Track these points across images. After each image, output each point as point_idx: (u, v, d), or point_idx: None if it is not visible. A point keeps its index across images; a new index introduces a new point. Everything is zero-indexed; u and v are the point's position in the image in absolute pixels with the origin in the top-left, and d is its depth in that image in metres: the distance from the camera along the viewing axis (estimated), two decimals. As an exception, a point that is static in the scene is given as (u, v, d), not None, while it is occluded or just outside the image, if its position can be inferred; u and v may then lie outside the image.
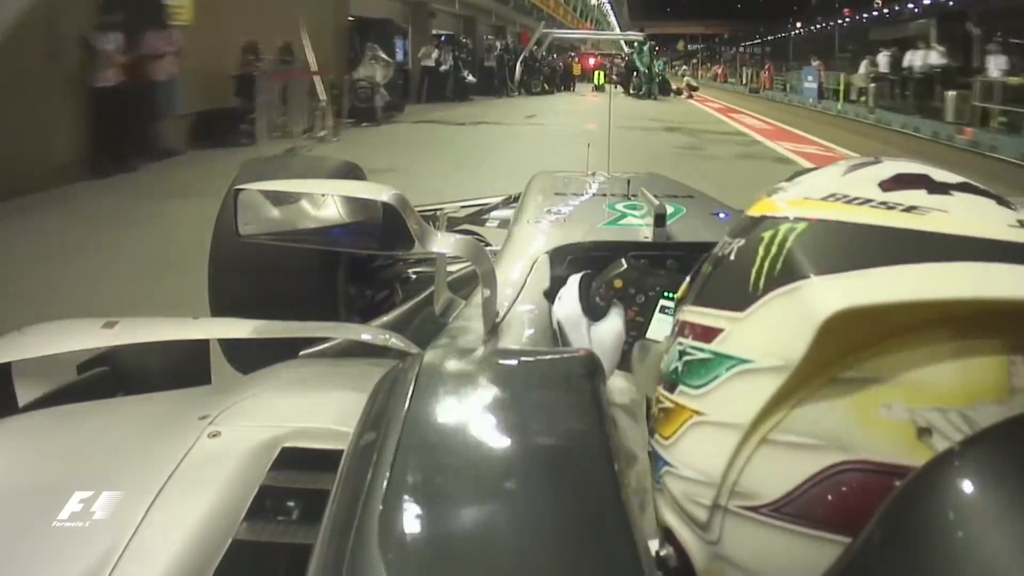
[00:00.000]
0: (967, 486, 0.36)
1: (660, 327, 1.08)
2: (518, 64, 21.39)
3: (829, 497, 0.43)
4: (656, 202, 1.24)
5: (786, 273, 0.46)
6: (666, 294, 1.07)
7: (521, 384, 0.60)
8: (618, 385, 0.86)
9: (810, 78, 20.78)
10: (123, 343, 0.96)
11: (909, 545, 0.35)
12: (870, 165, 0.52)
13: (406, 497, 0.45)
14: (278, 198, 1.01)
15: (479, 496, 0.46)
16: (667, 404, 0.53)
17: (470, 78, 18.08)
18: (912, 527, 0.36)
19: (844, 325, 0.42)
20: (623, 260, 1.08)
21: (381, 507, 0.43)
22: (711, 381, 0.48)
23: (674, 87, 23.93)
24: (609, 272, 1.08)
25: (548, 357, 0.73)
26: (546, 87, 22.49)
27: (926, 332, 0.42)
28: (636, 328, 1.06)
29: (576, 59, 28.46)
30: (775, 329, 0.46)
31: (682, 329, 0.54)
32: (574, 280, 1.06)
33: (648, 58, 22.20)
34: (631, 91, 21.43)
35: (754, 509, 0.46)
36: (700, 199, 1.59)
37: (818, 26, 31.81)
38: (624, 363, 1.01)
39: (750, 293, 0.48)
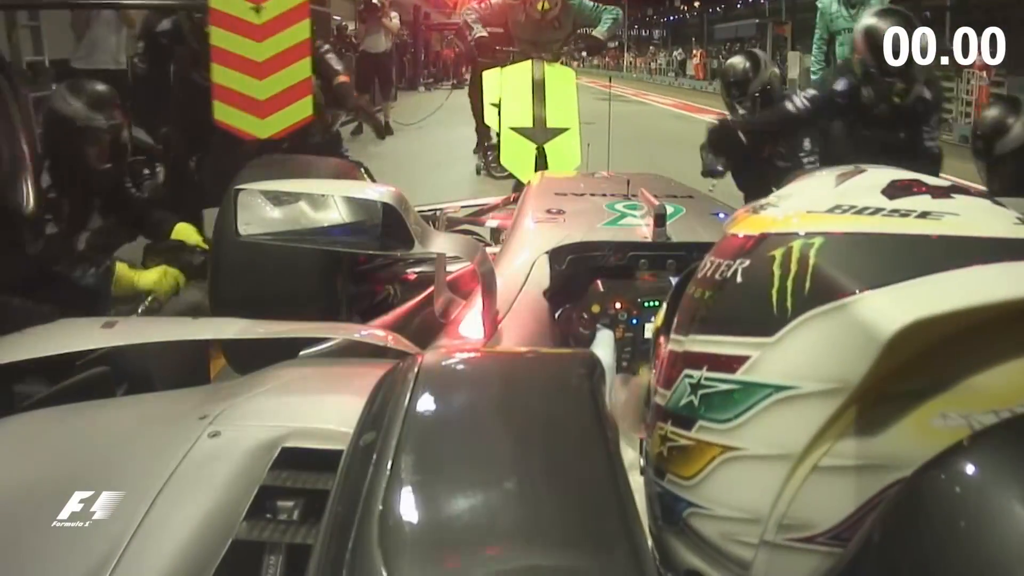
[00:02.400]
0: (966, 485, 0.36)
1: None
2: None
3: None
4: (656, 202, 1.24)
5: (822, 290, 0.44)
6: (647, 303, 1.07)
7: (521, 384, 0.60)
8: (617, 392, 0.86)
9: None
10: (123, 343, 0.96)
11: (909, 544, 0.35)
12: (857, 175, 0.51)
13: (406, 497, 0.45)
14: (278, 198, 1.01)
15: (479, 496, 0.46)
16: (683, 442, 0.50)
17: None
18: (911, 527, 0.36)
19: (907, 339, 0.40)
20: (597, 283, 1.09)
21: (381, 507, 0.43)
22: (743, 413, 0.46)
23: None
24: (584, 300, 1.08)
25: (548, 357, 0.73)
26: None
27: (973, 336, 0.41)
28: (629, 343, 1.06)
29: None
30: (821, 351, 0.43)
31: (686, 360, 0.51)
32: (602, 336, 1.05)
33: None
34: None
35: (809, 540, 0.44)
36: (700, 199, 1.59)
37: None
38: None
39: (777, 316, 0.45)
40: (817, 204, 0.48)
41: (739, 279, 0.48)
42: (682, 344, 0.51)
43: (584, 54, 4.02)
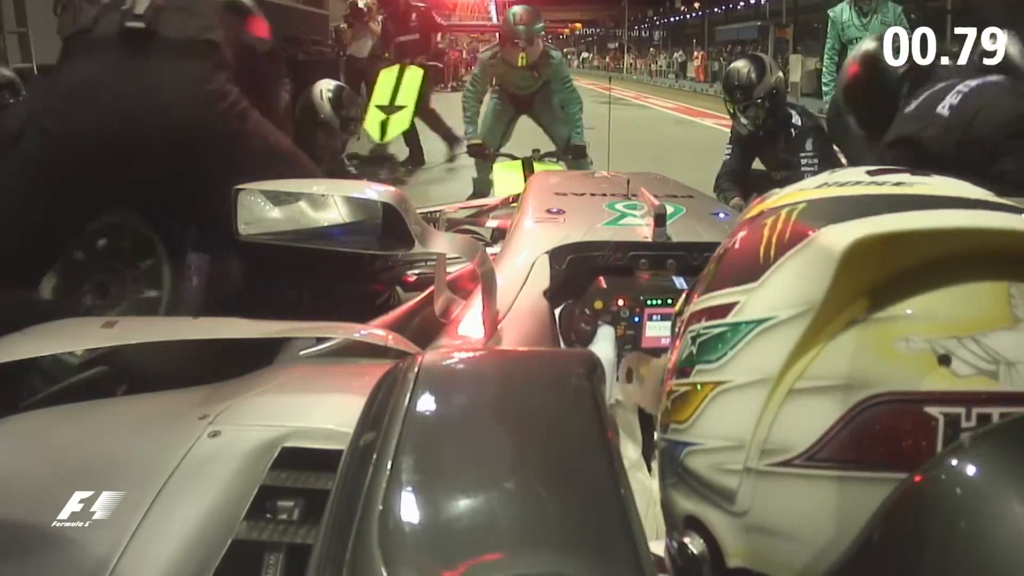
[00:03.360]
0: (966, 486, 0.36)
1: (655, 333, 1.08)
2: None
3: (860, 434, 0.44)
4: (656, 202, 1.24)
5: (797, 235, 0.49)
6: (649, 301, 1.07)
7: (521, 384, 0.60)
8: (617, 395, 0.86)
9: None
10: (123, 343, 0.96)
11: (909, 545, 0.35)
12: (852, 168, 0.57)
13: (406, 497, 0.45)
14: (278, 198, 1.01)
15: (479, 496, 0.46)
16: (682, 390, 0.53)
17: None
18: (911, 527, 0.36)
19: (860, 260, 0.44)
20: (600, 279, 1.09)
21: (381, 507, 0.43)
22: (730, 350, 0.50)
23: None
24: (586, 297, 1.08)
25: (548, 357, 0.73)
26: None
27: (932, 269, 0.45)
28: (630, 341, 1.06)
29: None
30: (793, 282, 0.47)
31: (690, 321, 0.55)
32: (603, 333, 1.06)
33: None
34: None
35: (787, 463, 0.46)
36: (700, 199, 1.59)
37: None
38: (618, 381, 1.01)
39: (761, 264, 0.50)
40: (809, 185, 0.55)
41: (736, 245, 0.55)
42: (688, 311, 0.56)
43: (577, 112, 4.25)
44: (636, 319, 1.07)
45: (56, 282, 2.00)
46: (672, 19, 40.33)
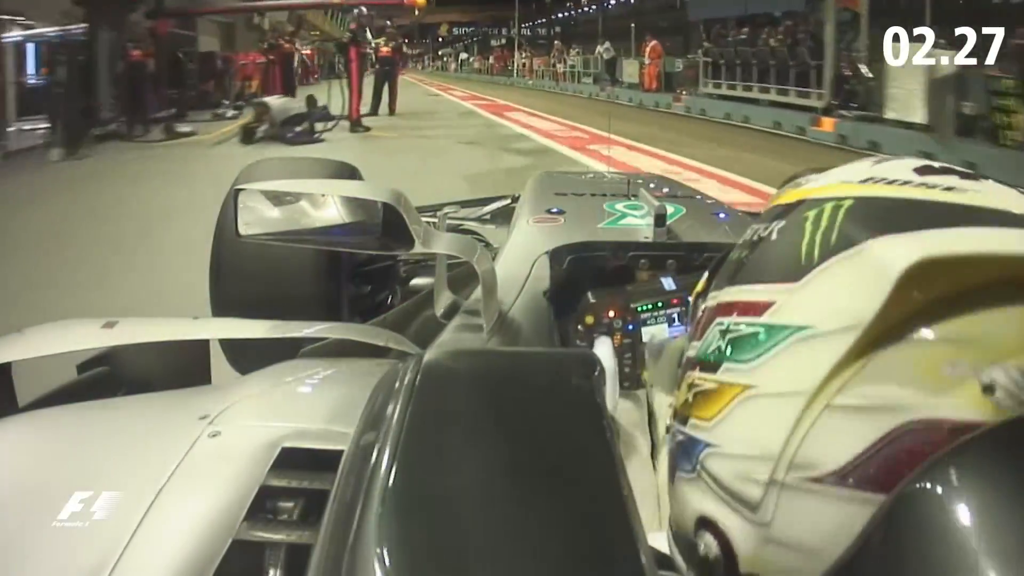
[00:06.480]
0: (966, 487, 0.36)
1: (654, 334, 1.08)
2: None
3: (896, 459, 0.42)
4: (656, 202, 1.24)
5: (845, 239, 0.47)
6: (641, 307, 1.07)
7: (521, 384, 0.60)
8: (622, 404, 0.86)
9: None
10: (123, 343, 0.96)
11: (908, 546, 0.35)
12: (895, 158, 0.54)
13: (406, 498, 0.45)
14: (278, 198, 1.01)
15: (478, 496, 0.46)
16: (707, 385, 0.51)
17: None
18: (911, 528, 0.36)
19: (917, 281, 0.43)
20: (588, 295, 1.09)
21: (381, 507, 0.43)
22: (764, 353, 0.48)
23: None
24: (578, 313, 1.08)
25: (548, 357, 0.73)
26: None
27: (983, 292, 0.43)
28: (629, 349, 1.06)
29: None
30: (839, 292, 0.45)
31: (719, 311, 0.53)
32: (601, 343, 1.06)
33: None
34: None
35: (817, 480, 0.45)
36: (700, 200, 1.59)
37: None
38: (623, 388, 1.01)
39: (804, 264, 0.47)
40: (853, 177, 0.52)
41: (774, 236, 0.52)
42: (716, 298, 0.54)
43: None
44: (631, 327, 1.07)
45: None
46: (577, 11, 32.43)
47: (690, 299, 0.64)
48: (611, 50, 19.48)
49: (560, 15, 36.21)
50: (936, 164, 0.52)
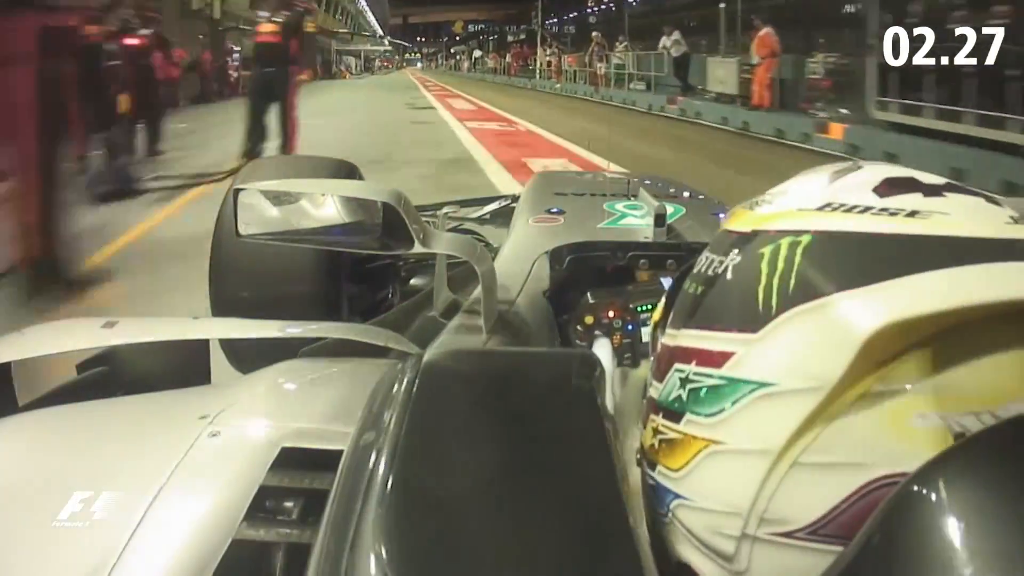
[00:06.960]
0: (965, 488, 0.36)
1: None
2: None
3: (869, 514, 0.41)
4: (656, 202, 1.24)
5: (803, 290, 0.45)
6: (640, 308, 1.07)
7: (521, 384, 0.60)
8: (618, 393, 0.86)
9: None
10: (123, 343, 0.96)
11: (907, 547, 0.35)
12: (853, 171, 0.51)
13: (405, 497, 0.45)
14: (278, 198, 1.01)
15: (478, 496, 0.46)
16: (672, 435, 0.50)
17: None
18: (910, 529, 0.36)
19: (883, 340, 0.41)
20: (587, 295, 1.09)
21: (380, 507, 0.43)
22: (727, 408, 0.46)
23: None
24: (577, 313, 1.08)
25: (548, 357, 0.73)
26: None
27: (952, 336, 0.42)
28: (628, 349, 1.06)
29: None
30: (801, 350, 0.44)
31: (677, 355, 0.51)
32: (600, 344, 1.06)
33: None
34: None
35: (788, 535, 0.44)
36: (700, 200, 1.59)
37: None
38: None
39: (762, 313, 0.46)
40: (808, 201, 0.49)
41: (729, 275, 0.49)
42: (675, 338, 0.52)
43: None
44: (630, 327, 1.07)
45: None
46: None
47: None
48: (681, 43, 13.36)
49: (593, 8, 26.64)
50: (899, 175, 0.49)
